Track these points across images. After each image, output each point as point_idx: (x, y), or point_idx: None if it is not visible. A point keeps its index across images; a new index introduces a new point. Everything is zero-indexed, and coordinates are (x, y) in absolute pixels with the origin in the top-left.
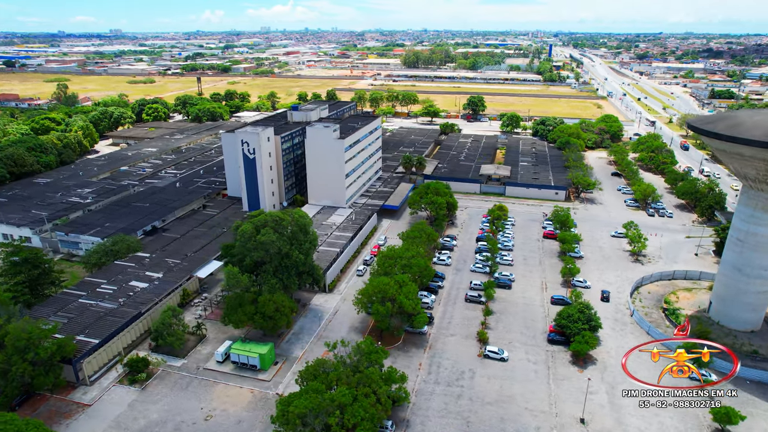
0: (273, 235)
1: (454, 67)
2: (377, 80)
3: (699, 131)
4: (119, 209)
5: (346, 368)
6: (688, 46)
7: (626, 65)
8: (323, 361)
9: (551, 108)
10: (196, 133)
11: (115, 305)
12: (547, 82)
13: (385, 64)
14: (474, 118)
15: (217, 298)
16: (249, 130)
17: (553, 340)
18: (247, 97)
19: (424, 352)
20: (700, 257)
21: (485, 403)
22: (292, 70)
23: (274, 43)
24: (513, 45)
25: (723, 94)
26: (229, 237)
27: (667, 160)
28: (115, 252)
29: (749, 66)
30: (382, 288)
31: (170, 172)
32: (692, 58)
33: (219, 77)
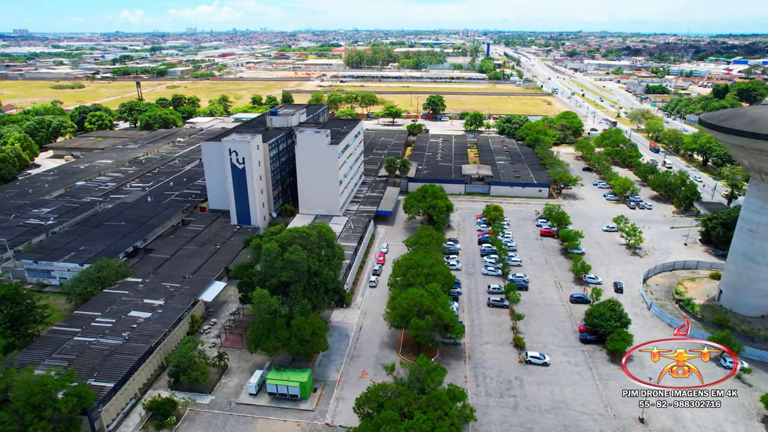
0: (303, 252)
1: (398, 66)
2: (324, 81)
3: (716, 128)
4: (90, 230)
5: (412, 391)
6: (608, 44)
7: (559, 62)
8: (384, 386)
9: (504, 106)
10: (151, 142)
11: (120, 341)
12: (492, 80)
13: (328, 65)
14: (434, 118)
15: (228, 323)
16: (237, 138)
17: (586, 339)
18: (197, 101)
19: (464, 364)
20: (689, 247)
21: (543, 412)
22: (233, 72)
23: (204, 44)
24: (447, 44)
25: (657, 90)
26: (226, 255)
27: (632, 153)
28: (102, 279)
29: (667, 63)
30: (417, 300)
31: (136, 186)
32: (616, 55)
33: (156, 81)
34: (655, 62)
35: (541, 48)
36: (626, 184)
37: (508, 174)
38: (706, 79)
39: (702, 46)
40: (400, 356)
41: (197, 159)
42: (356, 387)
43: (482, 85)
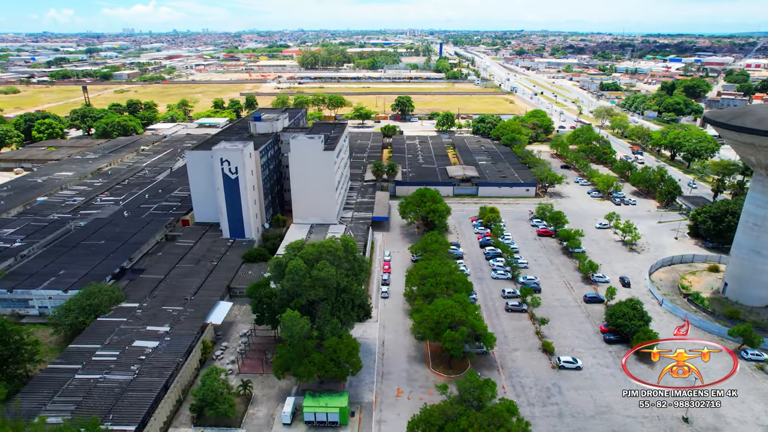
0: (332, 268)
1: (353, 67)
2: (281, 83)
3: (727, 126)
4: (67, 251)
5: (471, 409)
6: (550, 43)
7: (510, 61)
8: (442, 407)
9: (468, 105)
10: (113, 152)
11: (130, 376)
12: (450, 80)
13: (281, 66)
14: (403, 119)
15: (242, 347)
16: (228, 147)
17: (610, 339)
18: (154, 107)
19: (499, 373)
20: (680, 240)
21: (588, 418)
22: (183, 75)
23: (145, 46)
24: (397, 43)
25: (610, 87)
26: (224, 272)
27: (606, 150)
28: (94, 307)
29: (609, 61)
30: (449, 312)
31: (107, 200)
32: (563, 53)
33: (101, 85)
34: (599, 60)
35: (489, 47)
36: (609, 181)
37: (493, 174)
38: (650, 77)
39: (637, 45)
40: (431, 370)
41: (168, 168)
42: (395, 407)
43: (441, 84)
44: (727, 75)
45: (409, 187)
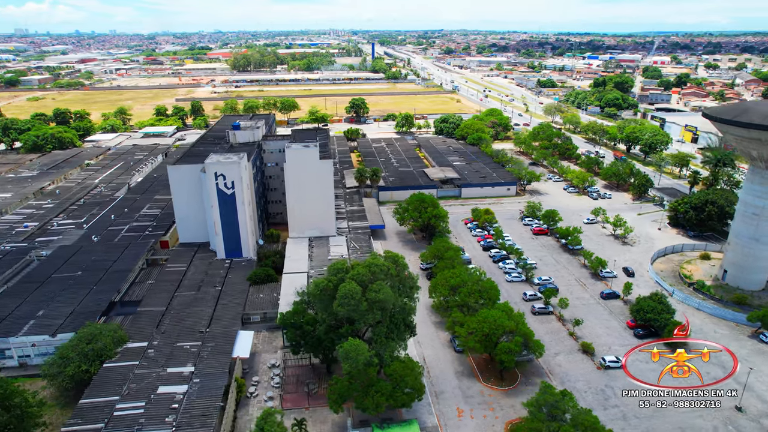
0: (389, 289)
1: (288, 69)
2: (216, 87)
3: (732, 123)
4: (38, 287)
5: (563, 424)
6: (472, 41)
7: (441, 60)
8: (533, 425)
9: (417, 105)
10: (53, 168)
11: (168, 430)
12: (391, 80)
13: (212, 70)
14: (358, 121)
15: (276, 380)
16: (223, 160)
17: (641, 334)
18: (87, 115)
19: (550, 380)
20: (663, 231)
21: (651, 417)
22: (105, 80)
23: (46, 48)
24: (324, 44)
25: (547, 84)
26: (233, 297)
27: (569, 146)
28: (97, 351)
29: (533, 58)
30: (500, 322)
31: (65, 224)
32: (489, 52)
33: (8, 92)
34: (525, 58)
35: (416, 46)
36: (584, 177)
37: (472, 175)
38: (577, 73)
39: (553, 43)
40: (484, 385)
41: (125, 184)
42: (460, 429)
43: (383, 85)
44: (643, 71)
45: (393, 192)
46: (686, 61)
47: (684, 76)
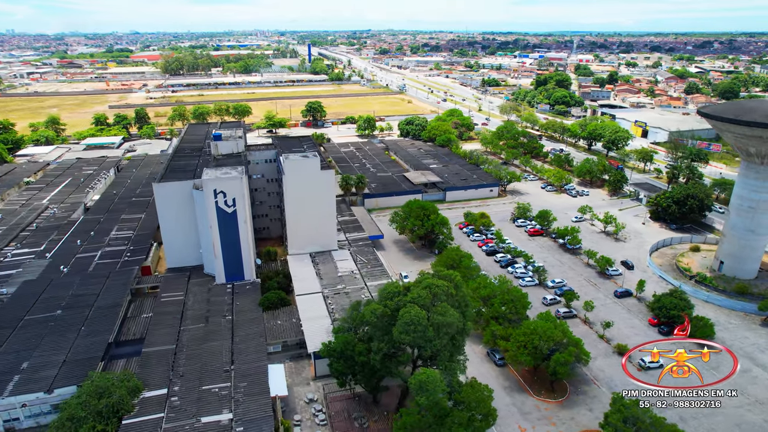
0: (454, 311)
1: (224, 71)
2: (152, 92)
3: (735, 122)
4: (12, 333)
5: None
6: (404, 41)
7: (378, 60)
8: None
9: (369, 107)
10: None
11: None
12: (335, 82)
13: (141, 74)
14: (315, 125)
15: (318, 416)
16: (221, 176)
17: (665, 331)
18: (11, 126)
19: (598, 387)
20: (647, 225)
21: (708, 415)
22: (17, 86)
23: None
24: (253, 45)
25: (492, 83)
26: (248, 327)
27: (536, 145)
28: (113, 406)
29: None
30: (549, 334)
31: (20, 254)
32: (423, 52)
33: None
34: (458, 57)
35: (349, 47)
36: (561, 175)
37: (452, 178)
38: (513, 71)
39: (482, 43)
40: (536, 398)
41: (80, 204)
42: None
43: (328, 86)
44: (575, 69)
45: (378, 199)
46: (608, 59)
47: (614, 74)
